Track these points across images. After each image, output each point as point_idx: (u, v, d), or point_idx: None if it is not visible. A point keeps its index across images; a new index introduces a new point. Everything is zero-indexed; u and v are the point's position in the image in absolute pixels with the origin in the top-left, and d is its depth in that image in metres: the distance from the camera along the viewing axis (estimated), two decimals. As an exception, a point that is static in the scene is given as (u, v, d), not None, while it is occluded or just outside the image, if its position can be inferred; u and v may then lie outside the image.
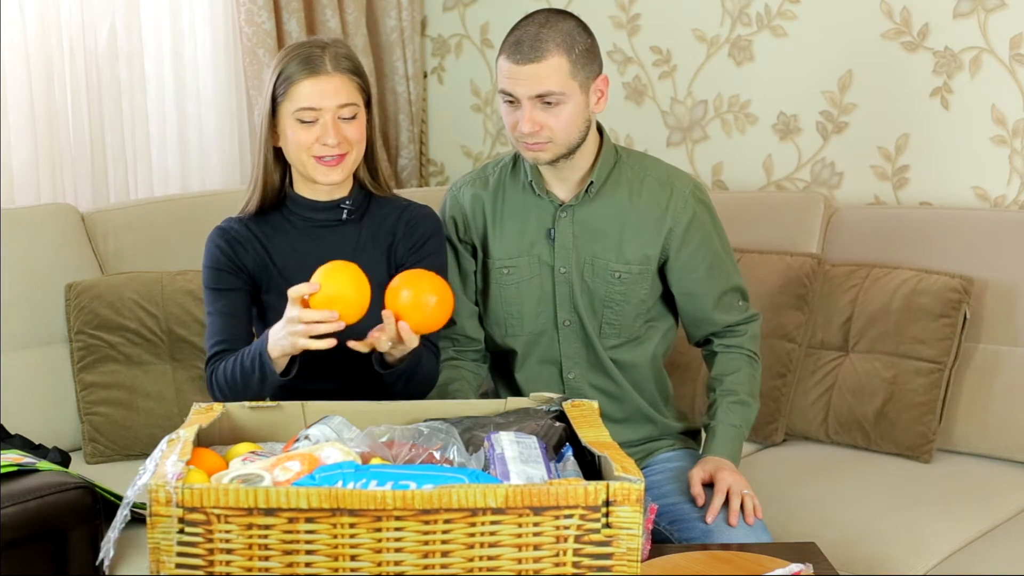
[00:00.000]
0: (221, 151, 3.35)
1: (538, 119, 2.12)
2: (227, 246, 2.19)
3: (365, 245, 2.20)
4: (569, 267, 2.26)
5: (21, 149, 2.97)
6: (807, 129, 3.23)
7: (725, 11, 3.30)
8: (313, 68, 2.10)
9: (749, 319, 2.33)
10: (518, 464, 1.63)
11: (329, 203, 2.19)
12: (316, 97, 2.09)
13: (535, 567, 1.54)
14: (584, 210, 2.25)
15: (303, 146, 2.11)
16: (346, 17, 3.54)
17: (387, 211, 2.24)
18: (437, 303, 1.95)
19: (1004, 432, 2.67)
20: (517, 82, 2.12)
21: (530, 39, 2.12)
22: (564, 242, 2.25)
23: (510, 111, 2.16)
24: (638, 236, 2.24)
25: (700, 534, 2.10)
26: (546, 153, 2.16)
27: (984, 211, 2.91)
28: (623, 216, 2.25)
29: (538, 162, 2.19)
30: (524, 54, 2.12)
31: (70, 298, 2.76)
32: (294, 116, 2.10)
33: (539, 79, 2.11)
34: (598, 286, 2.25)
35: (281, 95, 2.11)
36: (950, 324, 2.69)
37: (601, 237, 2.25)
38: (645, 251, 2.25)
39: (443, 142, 3.90)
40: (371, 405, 1.89)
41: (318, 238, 2.19)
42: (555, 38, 2.12)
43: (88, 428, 2.72)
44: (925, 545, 2.33)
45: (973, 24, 2.93)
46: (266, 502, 1.49)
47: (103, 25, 3.11)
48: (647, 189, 2.26)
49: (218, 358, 2.14)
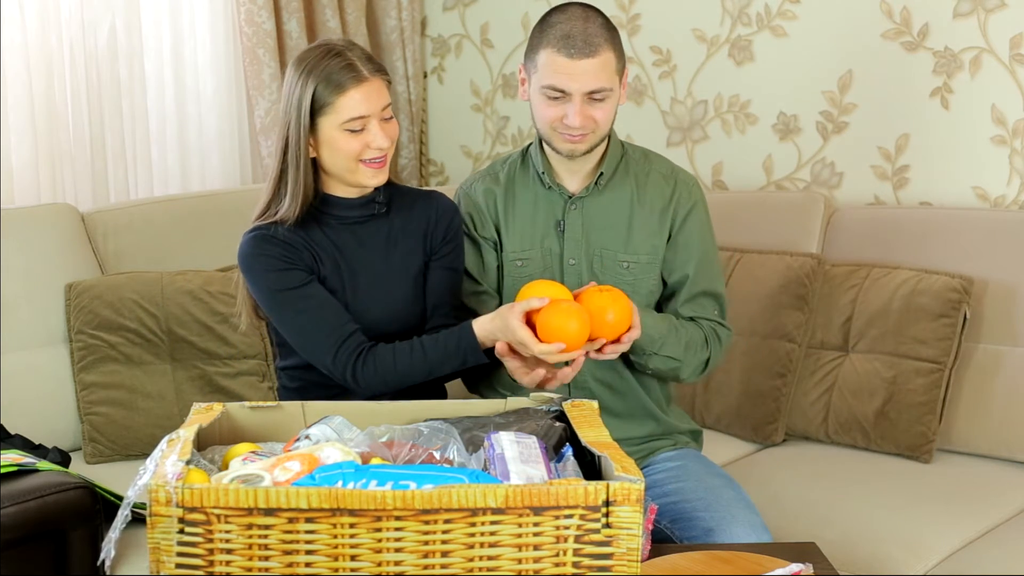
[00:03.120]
0: (221, 151, 3.35)
1: (587, 113, 2.15)
2: (280, 248, 2.14)
3: (397, 236, 2.22)
4: (578, 258, 2.27)
5: (21, 149, 2.97)
6: (807, 129, 3.23)
7: (725, 11, 3.30)
8: (354, 78, 2.08)
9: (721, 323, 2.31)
10: (518, 464, 1.63)
11: (363, 199, 2.20)
12: (364, 106, 2.09)
13: (535, 567, 1.54)
14: (593, 202, 2.28)
15: (353, 154, 2.11)
16: (346, 17, 3.54)
17: (410, 200, 2.26)
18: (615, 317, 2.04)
19: (1004, 432, 2.68)
20: (571, 77, 2.12)
21: (580, 34, 2.12)
22: (573, 234, 2.27)
23: (552, 104, 2.16)
24: (645, 227, 2.27)
25: (701, 532, 2.11)
26: (584, 144, 2.19)
27: (984, 211, 2.91)
28: (631, 208, 2.28)
29: (574, 153, 2.21)
30: (579, 49, 2.12)
31: (70, 298, 2.76)
32: (342, 127, 2.09)
33: (594, 75, 2.13)
34: (607, 277, 2.26)
35: (323, 108, 2.09)
36: (950, 324, 2.69)
37: (610, 228, 2.27)
38: (652, 241, 2.28)
39: (443, 142, 3.90)
40: (371, 405, 1.89)
41: (352, 233, 2.20)
42: (602, 33, 2.14)
43: (88, 428, 2.72)
44: (925, 545, 2.33)
45: (973, 24, 2.93)
46: (266, 502, 1.49)
47: (103, 25, 3.11)
48: (652, 182, 2.30)
49: (370, 345, 2.10)
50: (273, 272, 2.13)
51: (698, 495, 2.17)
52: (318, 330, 2.11)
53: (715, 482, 2.22)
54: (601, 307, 2.03)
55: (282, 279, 2.12)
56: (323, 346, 2.11)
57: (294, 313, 2.13)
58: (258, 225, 2.16)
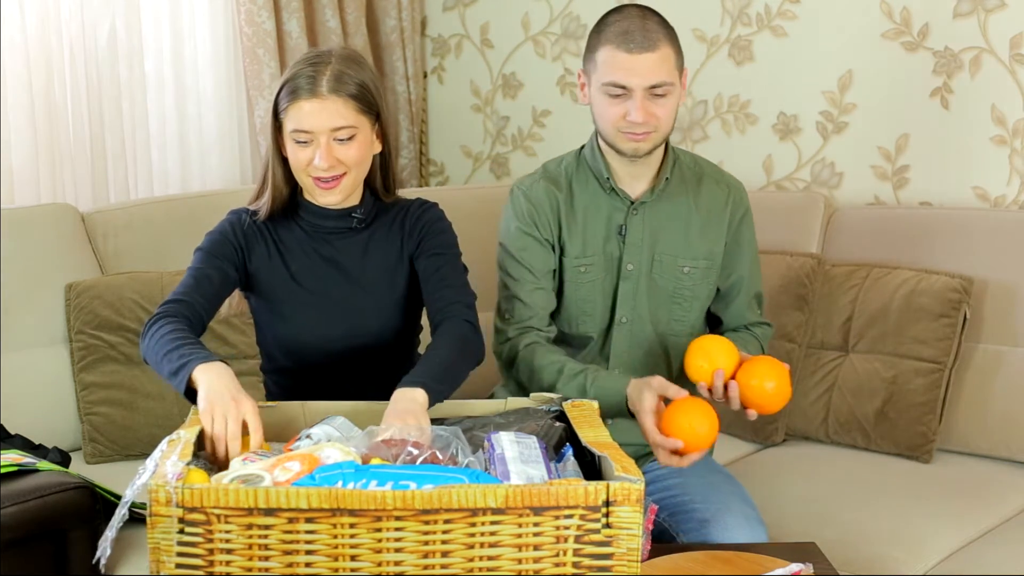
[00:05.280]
0: (221, 151, 3.35)
1: (650, 109, 2.14)
2: (240, 232, 2.17)
3: (375, 250, 2.19)
4: (636, 264, 2.27)
5: (21, 149, 2.97)
6: (807, 129, 3.23)
7: (725, 11, 3.30)
8: (308, 90, 2.04)
9: (765, 323, 2.40)
10: (518, 464, 1.63)
11: (340, 212, 2.17)
12: (309, 120, 2.05)
13: (535, 567, 1.54)
14: (654, 207, 2.28)
15: (300, 166, 2.09)
16: (346, 17, 3.54)
17: (394, 214, 2.23)
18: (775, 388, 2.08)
19: (1004, 432, 2.68)
20: (632, 72, 2.12)
21: (639, 29, 2.13)
22: (635, 239, 2.27)
23: (614, 103, 2.15)
24: (703, 232, 2.29)
25: (696, 524, 2.12)
26: (647, 143, 2.19)
27: (984, 211, 2.91)
28: (688, 212, 2.29)
29: (638, 152, 2.20)
30: (638, 43, 2.12)
31: (70, 298, 2.76)
32: (291, 136, 2.08)
33: (655, 69, 2.13)
34: (667, 282, 2.27)
35: (282, 111, 2.09)
36: (950, 324, 2.69)
37: (669, 233, 2.28)
38: (710, 246, 2.29)
39: (443, 142, 3.90)
40: (371, 405, 1.89)
41: (327, 243, 2.19)
42: (660, 29, 2.15)
43: (88, 428, 2.72)
44: (925, 545, 2.33)
45: (973, 24, 2.93)
46: (266, 502, 1.49)
47: (103, 25, 3.10)
48: (706, 186, 2.31)
49: (168, 312, 2.02)
50: (215, 235, 2.17)
51: (696, 488, 2.18)
52: (179, 286, 2.09)
53: (714, 478, 2.23)
54: (762, 375, 2.07)
55: (213, 242, 2.16)
56: (168, 295, 2.10)
57: (192, 265, 2.13)
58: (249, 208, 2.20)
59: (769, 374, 2.08)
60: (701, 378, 2.10)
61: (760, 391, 2.06)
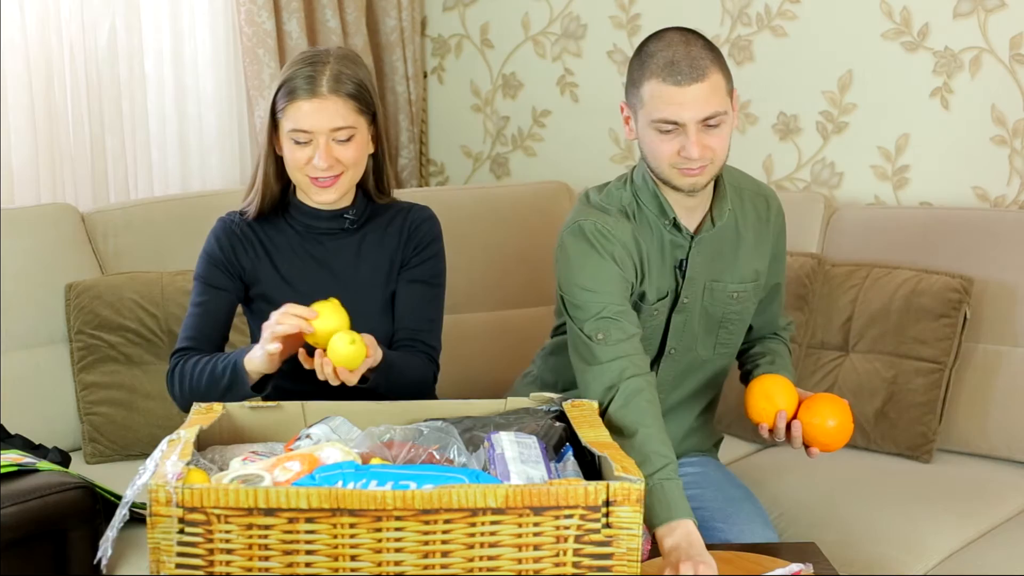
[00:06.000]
0: (221, 151, 3.35)
1: (704, 142, 1.99)
2: (227, 242, 2.19)
3: (367, 252, 2.20)
4: (692, 297, 2.16)
5: (21, 149, 2.97)
6: (807, 129, 3.23)
7: (725, 11, 3.30)
8: (307, 90, 2.06)
9: (790, 324, 2.39)
10: (518, 464, 1.63)
11: (332, 212, 2.18)
12: (309, 120, 2.06)
13: (535, 567, 1.54)
14: (708, 237, 2.15)
15: (298, 165, 2.10)
16: (346, 17, 3.53)
17: (389, 216, 2.23)
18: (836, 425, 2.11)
19: (1004, 432, 2.68)
20: (683, 106, 1.97)
21: (685, 58, 1.97)
22: (694, 273, 2.14)
23: (666, 139, 2.00)
24: (749, 252, 2.18)
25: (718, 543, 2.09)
26: (705, 176, 2.03)
27: (984, 211, 2.91)
28: (736, 236, 2.18)
29: (696, 187, 2.05)
30: (686, 74, 1.96)
31: (70, 298, 2.76)
32: (289, 135, 2.09)
33: (706, 100, 1.97)
34: (716, 309, 2.18)
35: (280, 111, 2.10)
36: (950, 324, 2.69)
37: (721, 261, 2.16)
38: (755, 266, 2.20)
39: (443, 142, 3.90)
40: (371, 405, 1.89)
41: (319, 244, 2.19)
42: (706, 55, 1.99)
43: (88, 428, 2.72)
44: (925, 545, 2.33)
45: (973, 24, 2.93)
46: (266, 502, 1.49)
47: (103, 25, 3.10)
48: (748, 204, 2.19)
49: (183, 355, 2.14)
50: (205, 259, 2.21)
51: (717, 504, 2.16)
52: (186, 326, 2.20)
53: (735, 493, 2.21)
54: (824, 414, 2.09)
55: (206, 269, 2.21)
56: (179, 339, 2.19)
57: (193, 300, 2.21)
58: (234, 211, 2.22)
59: (831, 412, 2.08)
60: (763, 419, 2.08)
61: (823, 429, 2.08)
